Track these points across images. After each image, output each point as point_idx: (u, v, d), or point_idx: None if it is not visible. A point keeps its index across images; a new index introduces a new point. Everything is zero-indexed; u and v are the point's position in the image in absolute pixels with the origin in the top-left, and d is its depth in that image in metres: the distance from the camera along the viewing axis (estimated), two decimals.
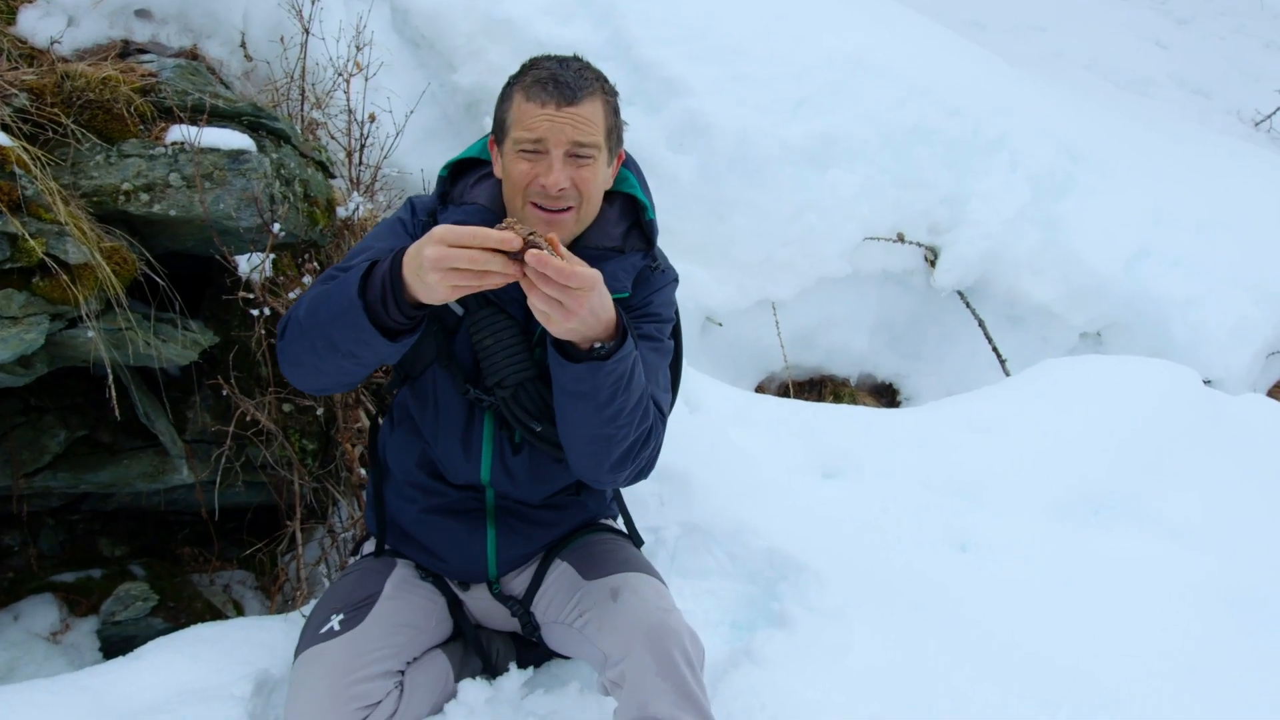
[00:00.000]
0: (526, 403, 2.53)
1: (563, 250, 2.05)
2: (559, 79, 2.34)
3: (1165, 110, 8.91)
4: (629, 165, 2.63)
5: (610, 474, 2.45)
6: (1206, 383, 4.64)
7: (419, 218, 2.58)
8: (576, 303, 2.07)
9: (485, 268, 1.99)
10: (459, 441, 2.62)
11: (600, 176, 2.43)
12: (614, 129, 2.46)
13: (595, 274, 2.09)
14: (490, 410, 2.59)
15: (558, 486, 2.77)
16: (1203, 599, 3.42)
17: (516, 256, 1.99)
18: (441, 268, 2.00)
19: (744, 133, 5.24)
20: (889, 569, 3.36)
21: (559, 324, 2.11)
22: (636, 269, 2.57)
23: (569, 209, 2.40)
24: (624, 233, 2.57)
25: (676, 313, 2.74)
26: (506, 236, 1.98)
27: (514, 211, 2.42)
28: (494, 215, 2.45)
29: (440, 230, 2.04)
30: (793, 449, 3.93)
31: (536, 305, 2.07)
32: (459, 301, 2.51)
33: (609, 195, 2.56)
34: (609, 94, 2.45)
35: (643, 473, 2.53)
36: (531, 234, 2.00)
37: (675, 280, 2.70)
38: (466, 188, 2.55)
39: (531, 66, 2.41)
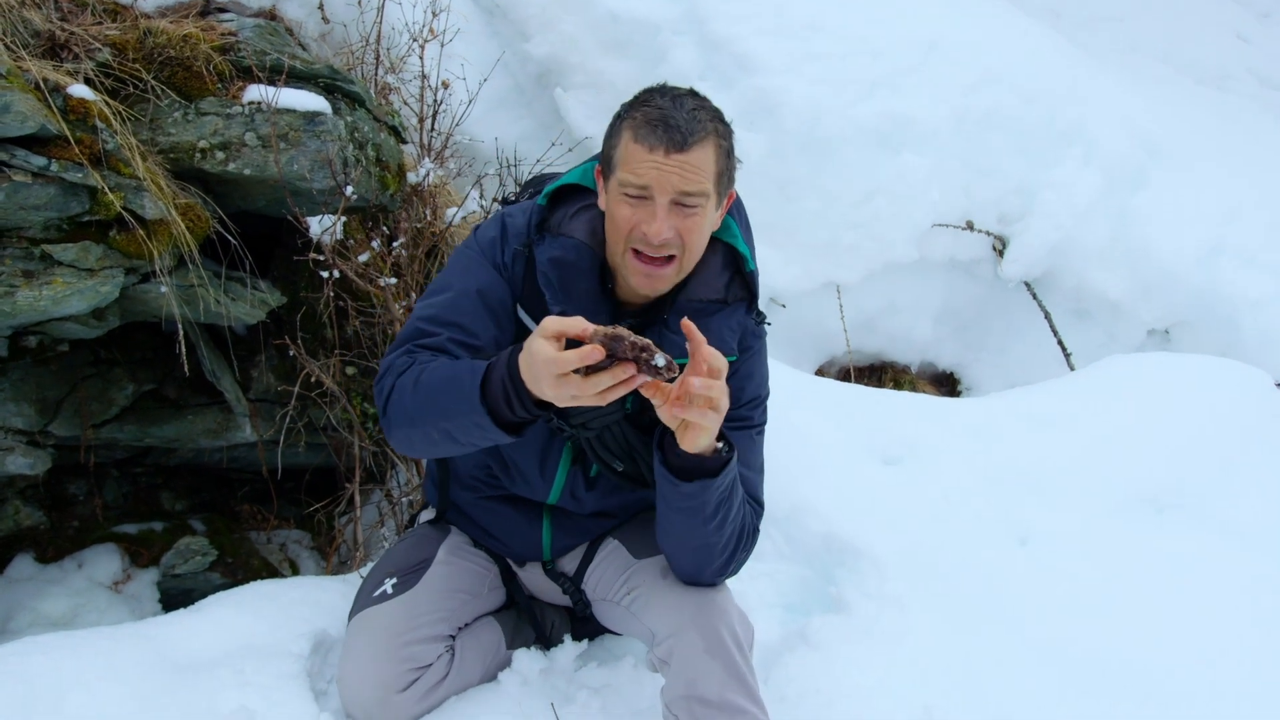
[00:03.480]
0: (610, 443, 2.49)
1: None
2: (669, 121, 2.19)
3: (1244, 106, 8.69)
4: (735, 209, 2.51)
5: (713, 576, 2.45)
6: (1279, 385, 4.53)
7: (511, 246, 2.46)
8: (718, 415, 2.07)
9: (599, 388, 1.92)
10: (536, 461, 2.58)
11: (706, 224, 2.31)
12: (725, 172, 2.31)
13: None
14: (570, 440, 2.54)
15: (621, 504, 2.74)
16: (1264, 601, 3.37)
17: (622, 359, 1.90)
18: (554, 374, 1.92)
19: (815, 112, 5.17)
20: (947, 558, 3.34)
21: (707, 438, 2.11)
22: (741, 327, 2.49)
23: (671, 259, 2.28)
24: (726, 284, 2.46)
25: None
26: (585, 353, 1.88)
27: (614, 254, 2.33)
28: (592, 251, 2.37)
29: (550, 323, 1.97)
30: (853, 434, 3.89)
31: (691, 419, 2.05)
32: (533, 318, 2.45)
33: (711, 241, 2.42)
34: (722, 135, 2.30)
35: (744, 563, 2.51)
36: (612, 335, 1.90)
37: (766, 332, 2.61)
38: (565, 218, 2.42)
39: (644, 101, 2.27)
